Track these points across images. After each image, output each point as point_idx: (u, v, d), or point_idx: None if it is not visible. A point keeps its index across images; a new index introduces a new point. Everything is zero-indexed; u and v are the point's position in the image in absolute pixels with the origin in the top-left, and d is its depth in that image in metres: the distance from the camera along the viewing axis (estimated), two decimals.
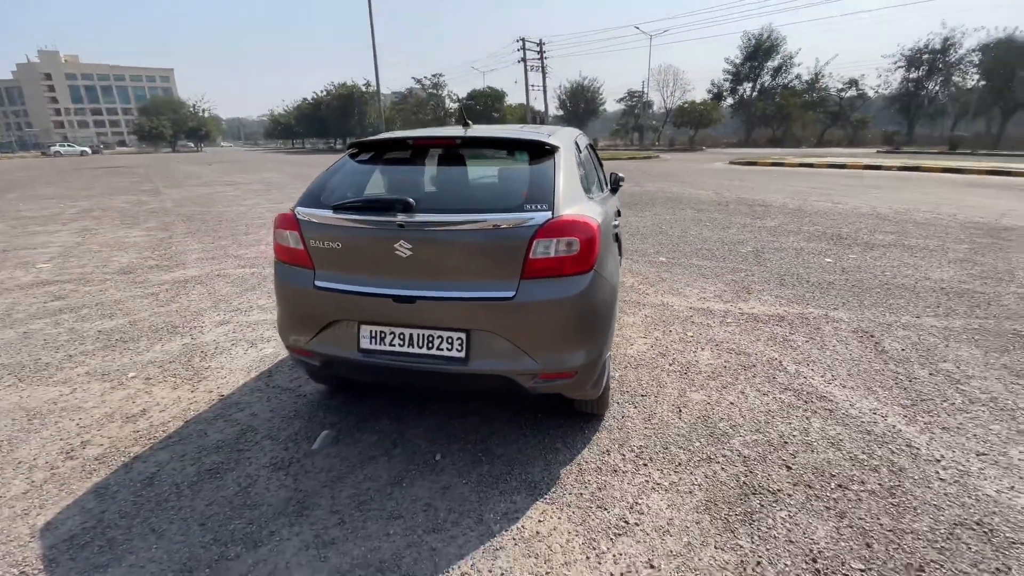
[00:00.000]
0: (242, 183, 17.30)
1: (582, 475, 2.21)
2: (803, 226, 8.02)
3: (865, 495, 2.10)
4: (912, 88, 44.18)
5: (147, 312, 4.41)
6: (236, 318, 4.23)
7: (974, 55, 39.70)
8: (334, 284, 2.18)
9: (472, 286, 2.03)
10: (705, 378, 3.07)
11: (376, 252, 2.10)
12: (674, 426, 2.57)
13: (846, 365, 3.23)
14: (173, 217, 9.85)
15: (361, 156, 2.48)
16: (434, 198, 2.24)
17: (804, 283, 4.96)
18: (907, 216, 8.84)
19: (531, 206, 2.04)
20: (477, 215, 2.02)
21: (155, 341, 3.77)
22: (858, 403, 2.79)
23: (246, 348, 3.62)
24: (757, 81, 51.36)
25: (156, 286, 5.19)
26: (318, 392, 2.98)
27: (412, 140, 2.39)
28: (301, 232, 2.22)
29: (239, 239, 7.56)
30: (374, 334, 2.17)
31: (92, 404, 2.87)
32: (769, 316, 4.09)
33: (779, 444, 2.43)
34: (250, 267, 5.90)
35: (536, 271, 2.00)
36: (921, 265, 5.57)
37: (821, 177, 16.74)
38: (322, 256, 2.20)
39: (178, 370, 3.29)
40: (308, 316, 2.27)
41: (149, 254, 6.66)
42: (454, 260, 2.04)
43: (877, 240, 6.90)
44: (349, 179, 2.40)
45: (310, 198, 2.30)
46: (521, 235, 1.98)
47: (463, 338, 2.07)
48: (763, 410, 2.72)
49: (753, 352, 3.42)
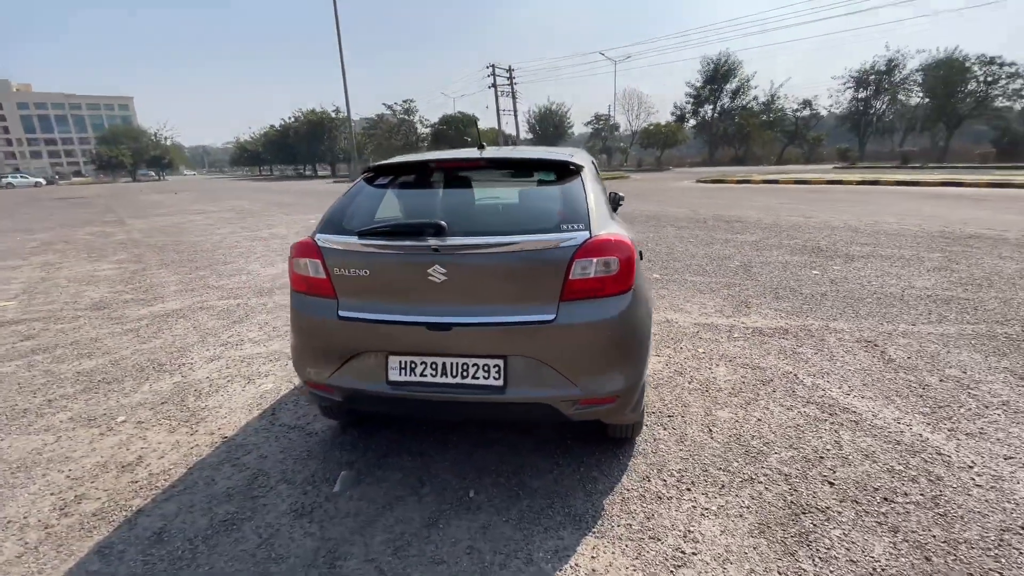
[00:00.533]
0: (213, 211, 16.82)
1: (626, 504, 2.12)
2: (783, 240, 8.25)
3: (912, 507, 2.08)
4: (861, 107, 46.88)
5: (129, 350, 4.14)
6: (227, 353, 4.01)
7: (917, 74, 42.45)
8: (360, 313, 2.06)
9: (510, 310, 1.95)
10: (727, 395, 3.04)
11: (407, 278, 2.00)
12: (708, 446, 2.51)
13: (859, 375, 3.26)
14: (144, 248, 9.44)
15: (378, 180, 2.40)
16: (465, 221, 2.17)
17: (798, 295, 5.05)
18: (877, 227, 9.20)
19: (567, 226, 1.99)
20: (514, 237, 1.96)
21: (142, 381, 3.53)
22: (880, 413, 2.80)
23: (243, 384, 3.42)
24: (717, 103, 53.59)
25: (135, 321, 4.90)
26: (329, 429, 2.81)
27: (435, 163, 2.33)
28: (323, 260, 2.11)
29: (218, 269, 7.27)
30: (404, 365, 2.05)
31: (81, 453, 2.63)
32: (773, 329, 4.13)
33: (816, 459, 2.40)
34: (234, 298, 5.65)
35: (576, 292, 1.94)
36: (903, 274, 5.76)
37: (787, 193, 17.40)
38: (346, 284, 2.09)
39: (172, 412, 3.07)
40: (330, 348, 2.14)
41: (123, 288, 6.32)
42: (491, 284, 1.97)
43: (855, 251, 7.14)
44: (369, 204, 2.31)
45: (331, 224, 2.20)
46: (560, 256, 1.93)
47: (500, 365, 1.98)
48: (791, 425, 2.69)
49: (767, 366, 3.42)
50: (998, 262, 6.22)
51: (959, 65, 38.93)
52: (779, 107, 51.32)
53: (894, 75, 44.23)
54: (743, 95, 52.47)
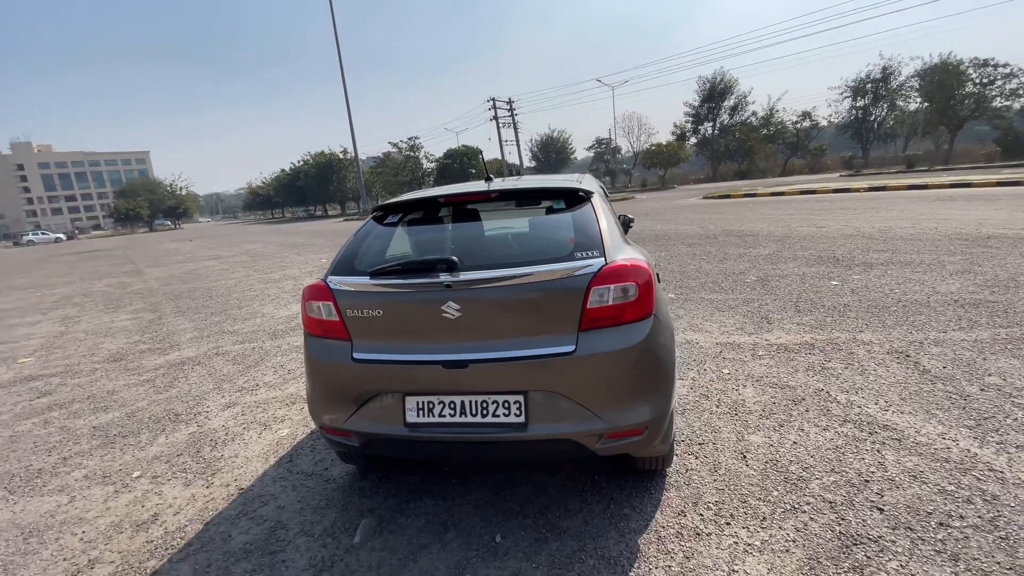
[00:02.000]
0: (227, 256, 17.11)
1: (663, 544, 1.99)
2: (797, 252, 8.12)
3: (970, 531, 1.93)
4: (861, 115, 46.97)
5: (145, 401, 4.12)
6: (243, 399, 3.97)
7: (914, 80, 42.63)
8: (375, 355, 2.01)
9: (528, 343, 1.89)
10: (758, 418, 2.91)
11: (421, 317, 1.96)
12: (744, 475, 2.38)
13: (895, 389, 3.11)
14: (160, 297, 9.57)
15: (388, 219, 2.39)
16: (477, 255, 2.13)
17: (820, 308, 4.91)
18: (891, 233, 9.05)
19: (581, 254, 1.94)
20: (528, 268, 1.91)
21: (158, 433, 3.48)
22: (923, 429, 2.65)
23: (259, 432, 3.36)
24: (716, 120, 54.08)
25: (151, 371, 4.90)
26: (347, 475, 2.73)
27: (443, 198, 2.31)
28: (336, 303, 2.07)
29: (232, 314, 7.32)
30: (421, 406, 1.99)
31: (95, 513, 2.57)
32: (798, 345, 4.00)
33: (860, 484, 2.25)
34: (249, 342, 5.65)
35: (595, 321, 1.88)
36: (926, 280, 5.61)
37: (795, 204, 17.29)
38: (360, 326, 2.05)
39: (188, 464, 3.01)
40: (345, 392, 2.08)
41: (139, 338, 6.36)
42: (507, 317, 1.91)
43: (873, 259, 6.99)
44: (379, 244, 2.29)
45: (343, 266, 2.17)
46: (577, 284, 1.87)
47: (520, 401, 1.90)
48: (830, 447, 2.56)
49: (797, 384, 3.29)
50: (1022, 262, 6.04)
51: (954, 69, 39.03)
52: (778, 120, 51.63)
53: (890, 82, 44.44)
54: (741, 111, 52.94)
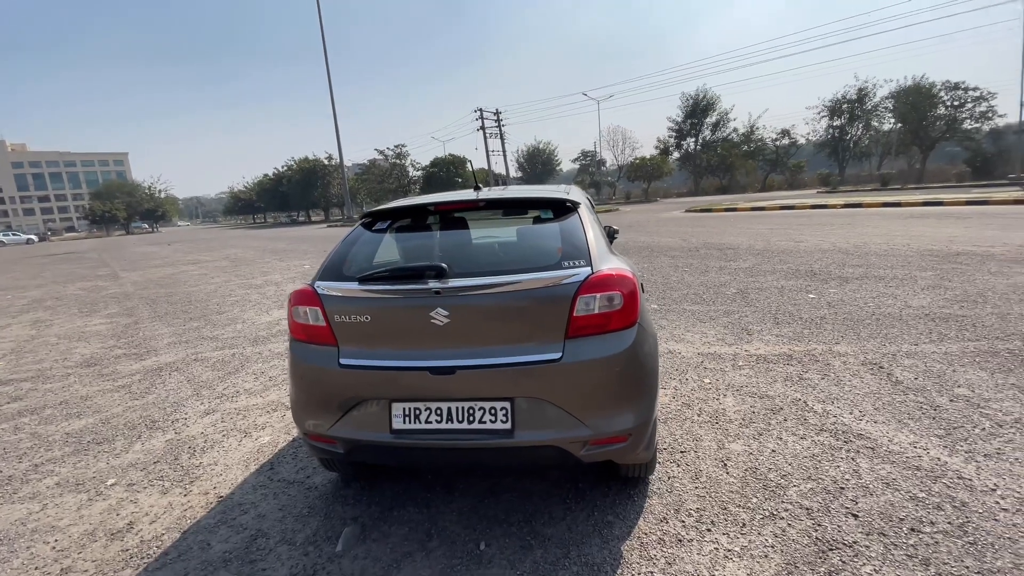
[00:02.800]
0: (207, 261, 16.82)
1: (646, 550, 2.02)
2: (775, 265, 8.31)
3: (940, 536, 2.00)
4: (837, 134, 48.45)
5: (120, 407, 4.02)
6: (222, 406, 3.90)
7: (888, 102, 44.18)
8: (362, 361, 2.02)
9: (515, 350, 1.92)
10: (738, 426, 2.97)
11: (410, 323, 1.97)
12: (725, 482, 2.43)
13: (869, 399, 3.21)
14: (136, 301, 9.36)
15: (377, 225, 2.40)
16: (465, 262, 2.15)
17: (798, 320, 5.04)
18: (866, 249, 9.32)
19: (569, 263, 1.98)
20: (516, 276, 1.94)
21: (133, 440, 3.40)
22: (895, 438, 2.74)
23: (239, 439, 3.31)
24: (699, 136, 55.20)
25: (127, 377, 4.79)
26: (330, 482, 2.70)
27: (433, 206, 2.34)
28: (323, 308, 2.07)
29: (212, 319, 7.19)
30: (408, 412, 1.99)
31: (68, 521, 2.50)
32: (777, 356, 4.09)
33: (836, 491, 2.32)
34: (229, 348, 5.56)
35: (581, 329, 1.91)
36: (899, 294, 5.79)
37: (774, 219, 17.70)
38: (348, 332, 2.05)
39: (165, 471, 2.94)
40: (331, 398, 2.08)
41: (114, 342, 6.21)
42: (494, 325, 1.94)
43: (848, 273, 7.19)
44: (368, 250, 2.30)
45: (330, 271, 2.18)
46: (564, 293, 1.91)
47: (507, 407, 1.92)
48: (807, 455, 2.62)
49: (775, 394, 3.37)
50: (989, 278, 6.28)
51: (926, 91, 40.62)
52: (759, 137, 52.94)
53: (865, 103, 45.99)
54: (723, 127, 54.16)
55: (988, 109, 38.38)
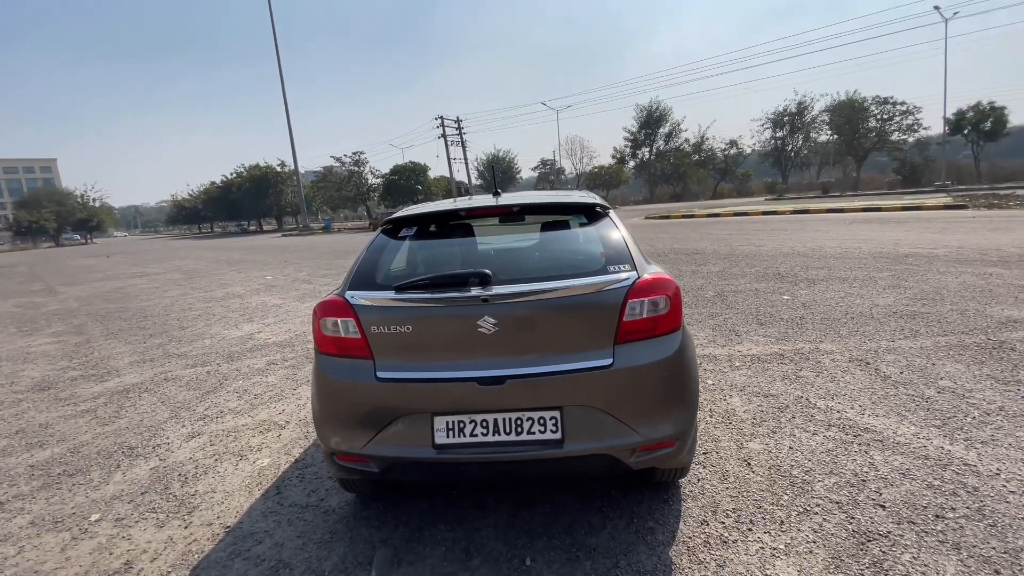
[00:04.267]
0: (156, 273, 15.83)
1: (694, 554, 2.01)
2: (744, 269, 8.65)
3: (963, 521, 2.10)
4: (780, 144, 51.39)
5: (88, 434, 3.68)
6: (208, 428, 3.64)
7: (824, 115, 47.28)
8: (403, 374, 1.92)
9: (564, 358, 1.88)
10: (751, 426, 3.04)
11: (455, 332, 1.89)
12: (753, 481, 2.46)
13: (865, 394, 3.36)
14: (84, 318, 8.66)
15: (402, 232, 2.30)
16: (508, 269, 2.10)
17: (780, 321, 5.24)
18: (822, 252, 9.86)
19: (614, 267, 1.97)
20: (565, 281, 1.91)
21: (111, 469, 3.12)
22: (899, 430, 2.87)
23: (235, 463, 3.09)
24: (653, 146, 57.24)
25: (89, 401, 4.40)
26: (348, 504, 2.55)
27: (464, 211, 2.27)
28: (358, 319, 1.96)
29: (175, 335, 6.74)
30: (452, 425, 1.91)
31: (54, 564, 2.24)
32: (769, 355, 4.23)
33: (859, 483, 2.40)
34: (202, 366, 5.22)
35: (630, 334, 1.90)
36: (864, 294, 6.14)
37: (731, 225, 18.50)
38: (386, 343, 1.95)
39: (157, 502, 2.70)
40: (366, 414, 1.96)
41: (67, 363, 5.71)
42: (543, 332, 1.89)
43: (813, 275, 7.57)
44: (396, 257, 2.21)
45: (362, 280, 2.07)
46: (613, 298, 1.89)
47: (556, 417, 1.88)
48: (823, 450, 2.70)
49: (778, 393, 3.47)
50: (940, 277, 6.76)
51: (859, 105, 43.77)
52: (708, 147, 55.49)
53: (804, 116, 49.11)
54: (675, 138, 56.50)
55: (914, 122, 41.74)
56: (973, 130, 39.31)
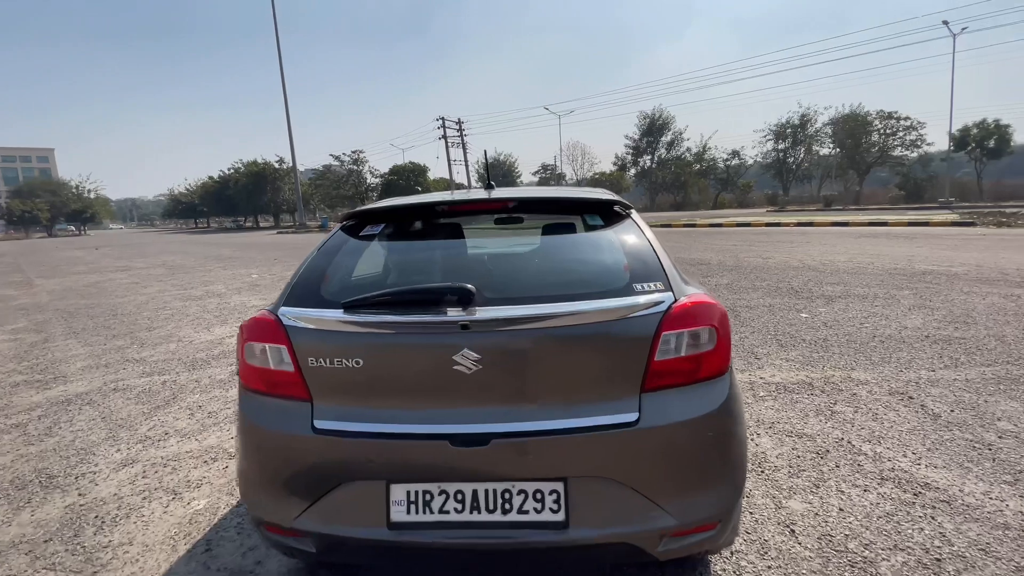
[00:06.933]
0: (139, 268, 15.27)
1: None
2: (755, 282, 8.19)
3: None
4: (782, 156, 51.11)
5: (9, 455, 3.16)
6: (145, 454, 3.12)
7: (827, 128, 47.06)
8: (348, 424, 1.42)
9: (574, 410, 1.38)
10: (788, 476, 2.54)
11: (423, 370, 1.39)
12: (802, 558, 1.96)
13: (916, 437, 2.87)
14: (50, 314, 8.11)
15: (365, 230, 1.80)
16: (498, 284, 1.59)
17: (802, 343, 4.76)
18: (834, 267, 9.41)
19: (641, 286, 1.47)
20: (575, 304, 1.40)
21: (20, 505, 2.59)
22: (965, 487, 2.38)
23: (165, 503, 2.57)
24: (655, 154, 56.87)
25: (23, 412, 3.87)
26: (290, 572, 2.04)
27: (445, 205, 1.76)
28: (291, 346, 1.46)
29: (140, 337, 6.21)
30: (414, 498, 1.40)
31: None
32: (796, 384, 3.74)
33: (934, 564, 1.90)
34: (159, 374, 4.69)
35: (663, 378, 1.40)
36: (889, 314, 5.66)
37: (735, 235, 18.06)
38: (328, 382, 1.44)
39: (59, 556, 2.18)
40: (300, 476, 1.46)
41: (14, 366, 5.17)
42: (546, 373, 1.39)
43: (829, 292, 7.10)
44: (354, 263, 1.70)
45: (303, 294, 1.56)
46: (642, 328, 1.39)
47: (559, 491, 1.37)
48: (880, 514, 2.21)
49: (814, 433, 2.98)
50: (965, 298, 6.30)
51: (862, 119, 43.55)
52: (710, 157, 55.13)
53: (807, 128, 48.84)
54: (677, 146, 56.11)
55: (917, 137, 41.51)
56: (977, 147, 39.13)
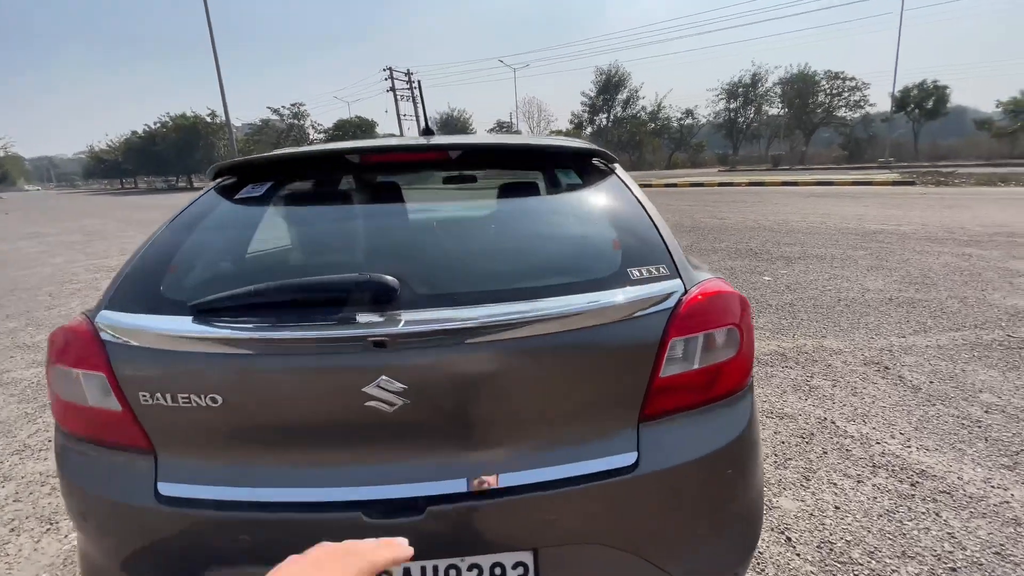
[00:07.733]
0: (51, 235, 13.65)
1: None
2: (714, 244, 8.08)
3: None
4: (732, 116, 51.63)
5: None
6: (22, 469, 2.55)
7: (777, 88, 47.67)
8: (207, 490, 0.95)
9: (546, 456, 0.97)
10: (774, 467, 2.30)
11: (319, 408, 0.93)
12: (802, 572, 1.71)
13: (899, 415, 2.70)
14: None
15: (246, 191, 1.26)
16: (432, 275, 1.10)
17: (768, 308, 4.59)
18: (788, 227, 9.44)
19: (639, 271, 1.04)
20: (548, 302, 0.96)
21: None
22: (963, 473, 2.21)
23: (39, 533, 2.05)
24: (611, 112, 56.13)
25: None
26: None
27: (358, 155, 1.25)
28: (112, 372, 0.96)
29: (37, 317, 5.37)
30: None
31: None
32: (769, 354, 3.54)
33: (948, 572, 1.69)
34: None
35: (669, 400, 1.01)
36: (849, 276, 5.61)
37: (689, 195, 18.09)
38: (174, 425, 0.96)
39: None
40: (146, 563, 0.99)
41: None
42: (503, 405, 0.97)
43: (787, 252, 7.05)
44: (222, 242, 1.18)
45: (133, 290, 1.04)
46: (644, 332, 0.98)
47: (526, 564, 0.98)
48: (880, 511, 1.99)
49: (794, 412, 2.76)
50: (920, 258, 6.36)
51: (810, 79, 44.27)
52: (665, 116, 54.99)
53: (758, 88, 49.28)
54: (633, 105, 55.51)
55: (861, 98, 42.69)
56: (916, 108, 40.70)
